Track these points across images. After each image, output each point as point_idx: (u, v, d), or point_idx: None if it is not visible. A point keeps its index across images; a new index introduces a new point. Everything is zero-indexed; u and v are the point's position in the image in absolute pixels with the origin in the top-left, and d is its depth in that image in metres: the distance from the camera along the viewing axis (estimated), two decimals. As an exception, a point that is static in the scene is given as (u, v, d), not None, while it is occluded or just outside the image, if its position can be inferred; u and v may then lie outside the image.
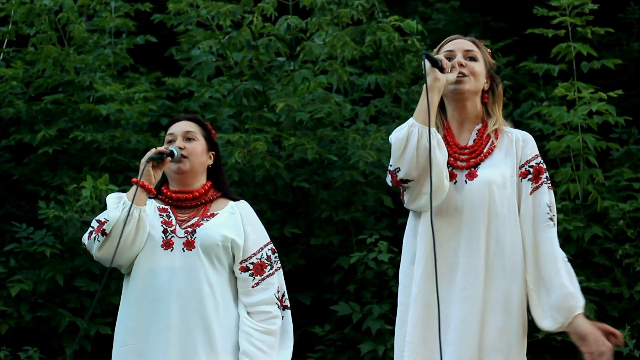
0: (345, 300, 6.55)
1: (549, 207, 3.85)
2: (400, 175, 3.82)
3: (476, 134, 3.93)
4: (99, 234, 3.95)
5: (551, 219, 3.85)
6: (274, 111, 6.96)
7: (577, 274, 6.27)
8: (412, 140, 3.78)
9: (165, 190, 4.10)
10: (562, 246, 6.43)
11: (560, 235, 6.41)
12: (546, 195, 3.85)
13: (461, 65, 3.90)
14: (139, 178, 3.96)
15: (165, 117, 7.42)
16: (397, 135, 3.82)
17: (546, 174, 3.89)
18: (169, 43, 7.94)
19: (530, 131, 7.29)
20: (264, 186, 7.01)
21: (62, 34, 7.43)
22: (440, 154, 3.79)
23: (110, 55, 7.41)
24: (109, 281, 6.53)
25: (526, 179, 3.86)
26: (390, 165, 3.84)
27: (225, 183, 4.18)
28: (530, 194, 3.85)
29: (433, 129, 3.79)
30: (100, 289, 4.03)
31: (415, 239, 3.89)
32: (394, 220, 6.89)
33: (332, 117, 6.96)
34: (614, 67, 6.88)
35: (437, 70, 3.81)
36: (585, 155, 6.56)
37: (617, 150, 7.20)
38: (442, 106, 3.99)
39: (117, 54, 7.45)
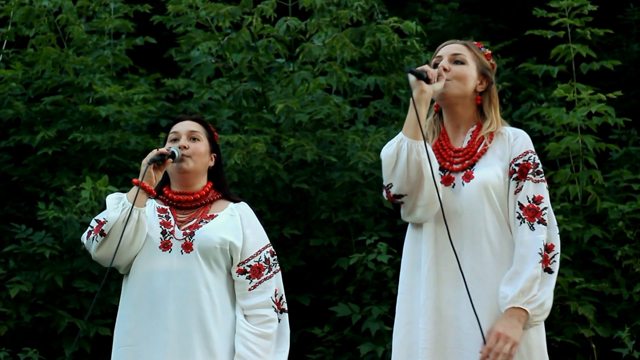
0: (344, 302, 6.55)
1: (532, 201, 3.80)
2: (393, 190, 3.86)
3: (470, 135, 3.93)
4: (98, 234, 3.95)
5: (520, 216, 3.80)
6: (273, 112, 6.96)
7: (577, 275, 6.32)
8: (402, 156, 3.80)
9: (166, 191, 4.09)
10: (561, 247, 6.48)
11: (559, 236, 6.45)
12: (530, 189, 3.81)
13: (445, 70, 3.90)
14: (140, 179, 3.96)
15: (164, 119, 7.42)
16: (386, 152, 3.85)
17: (534, 169, 3.83)
18: (168, 44, 7.94)
19: (530, 132, 7.32)
20: (264, 187, 7.01)
21: (62, 35, 7.43)
22: (431, 166, 3.80)
23: (109, 57, 7.41)
24: (109, 282, 6.53)
25: (512, 179, 3.85)
26: (384, 182, 3.87)
27: (226, 184, 4.17)
28: (515, 194, 3.83)
29: (423, 142, 3.80)
30: (99, 290, 4.04)
31: (418, 246, 3.89)
32: (393, 221, 6.88)
33: (332, 118, 6.96)
34: (613, 68, 6.88)
35: (422, 83, 3.81)
36: (584, 157, 6.56)
37: (616, 152, 7.21)
38: (440, 112, 4.01)
39: (117, 55, 7.45)
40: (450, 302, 3.80)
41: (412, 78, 3.82)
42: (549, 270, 3.76)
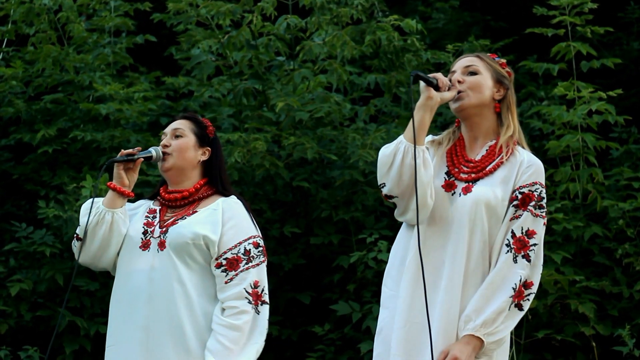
0: (345, 300, 6.55)
1: (525, 233, 3.78)
2: (385, 190, 3.88)
3: (486, 150, 3.91)
4: (75, 239, 4.03)
5: (509, 244, 3.77)
6: (273, 111, 6.96)
7: (577, 273, 6.32)
8: (397, 157, 3.81)
9: (161, 191, 4.10)
10: (562, 246, 6.50)
11: (559, 234, 6.46)
12: (527, 221, 3.79)
13: (459, 82, 3.90)
14: (98, 177, 4.01)
15: (164, 117, 7.42)
16: (384, 152, 3.86)
17: (537, 202, 3.80)
18: (169, 42, 7.94)
19: (530, 130, 7.35)
20: (264, 185, 7.01)
21: (62, 33, 7.43)
22: (425, 173, 3.80)
23: (109, 55, 7.41)
24: (109, 280, 6.53)
25: (512, 205, 3.82)
26: (378, 180, 3.89)
27: (223, 179, 4.10)
28: (510, 220, 3.81)
29: (421, 147, 3.79)
30: (71, 284, 4.06)
31: (408, 244, 3.90)
32: (393, 219, 6.84)
33: (332, 116, 6.96)
34: (613, 66, 6.88)
35: (431, 89, 3.82)
36: (584, 155, 6.56)
37: (616, 150, 7.20)
38: (459, 127, 3.99)
39: (117, 53, 7.45)
40: (424, 305, 3.80)
41: (422, 84, 3.82)
42: (519, 307, 3.76)
